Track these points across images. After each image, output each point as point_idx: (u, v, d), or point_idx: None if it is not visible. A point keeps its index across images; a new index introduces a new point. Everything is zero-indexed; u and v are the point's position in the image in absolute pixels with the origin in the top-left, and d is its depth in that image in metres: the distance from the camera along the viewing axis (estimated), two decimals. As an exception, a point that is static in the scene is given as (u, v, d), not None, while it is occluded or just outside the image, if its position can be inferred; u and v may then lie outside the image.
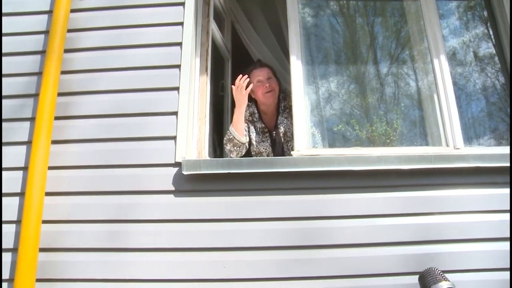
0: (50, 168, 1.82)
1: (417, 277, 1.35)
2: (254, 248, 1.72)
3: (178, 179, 1.80)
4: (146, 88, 1.95)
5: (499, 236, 1.69)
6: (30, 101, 1.95)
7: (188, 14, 2.04)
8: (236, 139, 2.25)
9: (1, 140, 1.89)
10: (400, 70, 2.51)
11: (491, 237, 1.70)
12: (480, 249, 1.69)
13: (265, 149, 2.44)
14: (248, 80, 2.17)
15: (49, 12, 2.07)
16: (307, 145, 1.98)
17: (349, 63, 2.60)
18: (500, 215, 1.72)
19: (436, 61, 2.09)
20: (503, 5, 2.23)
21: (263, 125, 2.47)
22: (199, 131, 2.04)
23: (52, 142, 1.85)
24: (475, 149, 2.09)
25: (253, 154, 2.45)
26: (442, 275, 1.28)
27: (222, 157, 2.61)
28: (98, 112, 1.93)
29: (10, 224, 1.77)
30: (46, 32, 2.04)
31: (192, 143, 1.95)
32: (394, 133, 2.39)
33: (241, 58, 2.98)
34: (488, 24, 2.43)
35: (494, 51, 2.38)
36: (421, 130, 2.32)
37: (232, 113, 2.38)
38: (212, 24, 2.35)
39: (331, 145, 2.33)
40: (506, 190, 1.74)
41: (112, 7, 2.09)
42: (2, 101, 1.95)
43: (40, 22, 2.08)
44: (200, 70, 2.14)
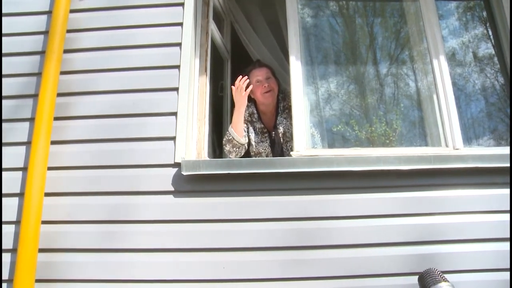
0: (49, 168, 1.82)
1: (417, 278, 1.35)
2: (253, 249, 1.72)
3: (178, 179, 1.80)
4: (146, 88, 1.95)
5: (499, 236, 1.69)
6: (29, 101, 1.95)
7: (188, 14, 2.04)
8: (235, 140, 2.25)
9: (1, 141, 1.89)
10: (399, 71, 2.52)
11: (490, 238, 1.70)
12: (479, 250, 1.69)
13: (264, 150, 2.44)
14: (248, 81, 2.17)
15: (49, 13, 2.07)
16: (306, 146, 1.98)
17: (349, 63, 2.60)
18: (500, 215, 1.72)
19: (435, 62, 2.10)
20: (502, 6, 2.23)
21: (262, 125, 2.47)
22: (198, 131, 2.04)
23: (51, 143, 1.85)
24: (475, 150, 2.09)
25: (252, 154, 2.45)
26: (441, 276, 1.28)
27: (221, 158, 2.61)
28: (97, 113, 1.93)
29: (9, 225, 1.77)
30: (45, 33, 2.04)
31: (191, 144, 1.95)
32: (394, 134, 2.39)
33: (241, 58, 2.98)
34: (487, 25, 2.43)
35: (493, 52, 2.38)
36: (420, 130, 2.32)
37: (231, 114, 2.38)
38: (212, 25, 2.35)
39: (331, 145, 2.33)
40: (505, 191, 1.75)
41: (111, 8, 2.09)
42: (2, 101, 1.95)
43: (39, 23, 2.08)
44: (199, 70, 2.14)
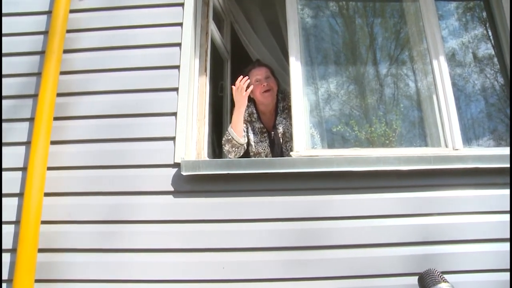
0: (49, 168, 1.82)
1: (416, 279, 1.35)
2: (253, 249, 1.71)
3: (177, 179, 1.80)
4: (145, 88, 1.95)
5: (499, 237, 1.69)
6: (29, 101, 1.95)
7: (187, 14, 2.04)
8: (235, 140, 2.25)
9: (1, 141, 1.89)
10: (399, 71, 2.51)
11: (490, 238, 1.70)
12: (479, 250, 1.69)
13: (264, 150, 2.43)
14: (249, 81, 2.17)
15: (48, 13, 2.07)
16: (306, 146, 1.98)
17: (349, 64, 2.60)
18: (500, 216, 1.72)
19: (435, 62, 2.09)
20: (502, 6, 2.23)
21: (261, 125, 2.47)
22: (198, 131, 2.04)
23: (51, 143, 1.85)
24: (474, 150, 2.09)
25: (252, 154, 2.44)
26: (441, 276, 1.28)
27: (221, 158, 2.60)
28: (97, 113, 1.93)
29: (9, 225, 1.77)
30: (45, 33, 2.04)
31: (191, 144, 1.95)
32: (393, 134, 2.39)
33: (240, 59, 2.98)
34: (487, 25, 2.43)
35: (493, 52, 2.38)
36: (420, 131, 2.32)
37: (231, 114, 2.38)
38: (212, 25, 2.34)
39: (330, 146, 2.33)
40: (505, 191, 1.75)
41: (111, 8, 2.09)
42: (1, 101, 1.95)
43: (39, 23, 2.08)
44: (199, 70, 2.14)
